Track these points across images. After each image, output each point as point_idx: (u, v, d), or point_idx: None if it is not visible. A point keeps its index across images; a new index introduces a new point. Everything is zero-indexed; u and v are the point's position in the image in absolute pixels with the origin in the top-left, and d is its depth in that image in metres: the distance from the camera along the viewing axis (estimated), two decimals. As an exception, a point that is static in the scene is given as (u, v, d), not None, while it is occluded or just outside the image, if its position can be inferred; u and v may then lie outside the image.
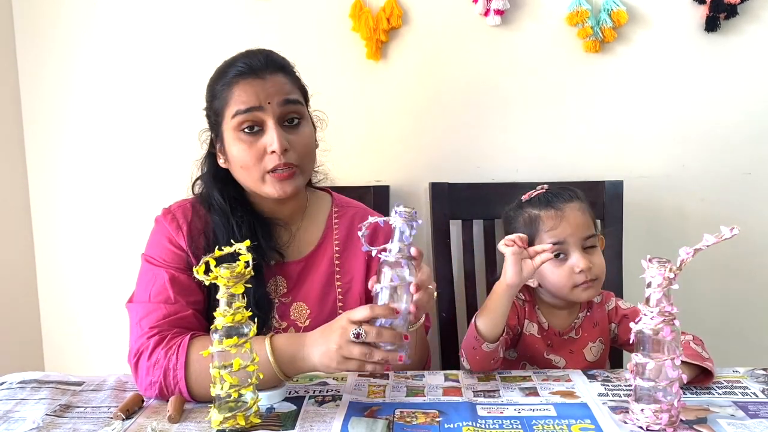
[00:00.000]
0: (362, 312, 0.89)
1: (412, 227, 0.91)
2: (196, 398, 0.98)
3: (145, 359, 1.00)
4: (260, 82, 1.09)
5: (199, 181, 1.20)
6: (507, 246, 1.06)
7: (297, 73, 1.17)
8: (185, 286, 1.08)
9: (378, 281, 0.92)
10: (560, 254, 1.18)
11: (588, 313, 1.25)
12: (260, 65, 1.10)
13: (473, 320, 1.10)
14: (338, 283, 1.19)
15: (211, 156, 1.19)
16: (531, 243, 1.23)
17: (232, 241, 0.91)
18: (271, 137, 1.07)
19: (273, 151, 1.07)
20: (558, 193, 1.25)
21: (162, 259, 1.11)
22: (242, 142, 1.09)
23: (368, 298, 1.00)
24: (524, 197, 1.26)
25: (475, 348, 1.08)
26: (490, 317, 1.07)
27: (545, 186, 1.28)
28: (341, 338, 0.90)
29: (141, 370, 1.00)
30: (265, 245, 1.13)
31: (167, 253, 1.12)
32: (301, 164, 1.11)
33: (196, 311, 1.08)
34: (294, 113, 1.11)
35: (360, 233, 0.94)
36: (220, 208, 1.14)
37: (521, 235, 1.09)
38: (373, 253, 0.94)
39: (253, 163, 1.09)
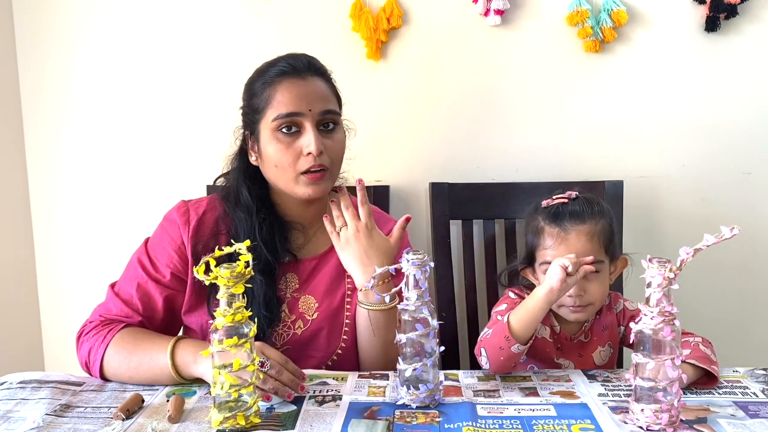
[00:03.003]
0: (275, 354, 0.99)
1: (426, 272, 0.95)
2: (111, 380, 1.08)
3: (83, 336, 1.12)
4: (302, 83, 1.12)
5: (226, 176, 1.23)
6: (556, 261, 1.05)
7: (334, 81, 1.20)
8: (148, 298, 1.15)
9: (402, 331, 0.96)
10: None
11: (597, 317, 1.24)
12: (302, 66, 1.14)
13: (506, 319, 1.06)
14: (348, 279, 1.21)
15: (242, 153, 1.20)
16: (532, 253, 1.22)
17: (232, 241, 0.92)
18: (309, 140, 1.10)
19: (309, 153, 1.10)
20: (574, 211, 1.18)
21: (154, 257, 1.17)
22: (279, 142, 1.12)
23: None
24: (544, 203, 1.23)
25: (502, 348, 1.05)
26: (525, 319, 1.04)
27: (574, 193, 1.22)
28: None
29: (78, 345, 1.12)
30: (280, 247, 1.17)
31: (162, 253, 1.17)
32: (331, 167, 1.14)
33: (147, 323, 1.15)
34: (331, 120, 1.14)
35: (368, 285, 1.01)
36: (246, 205, 1.17)
37: (574, 261, 1.05)
38: (387, 300, 1.00)
39: (288, 164, 1.12)
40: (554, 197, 1.23)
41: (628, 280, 1.52)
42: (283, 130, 1.11)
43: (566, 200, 1.21)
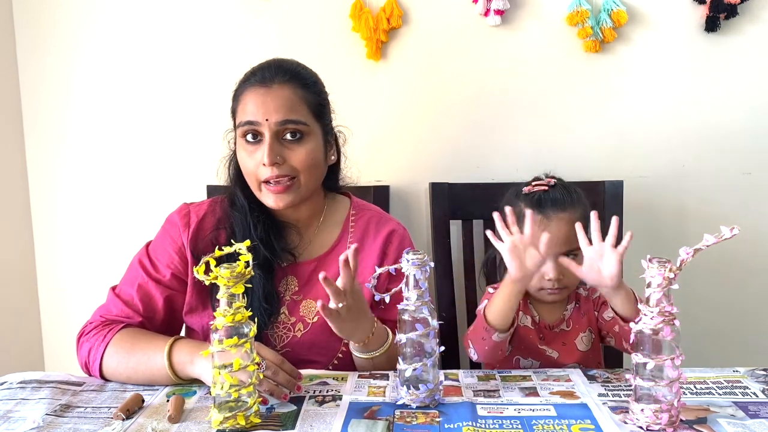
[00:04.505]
0: (270, 355, 0.98)
1: (426, 272, 0.95)
2: (110, 380, 1.08)
3: (83, 336, 1.12)
4: (264, 91, 1.12)
5: (227, 178, 1.24)
6: (499, 243, 1.06)
7: (316, 86, 1.18)
8: (149, 299, 1.16)
9: (402, 331, 0.96)
10: None
11: (577, 305, 1.28)
12: (269, 75, 1.13)
13: (481, 312, 1.09)
14: None
15: (236, 155, 1.21)
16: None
17: (232, 241, 0.92)
18: (264, 150, 1.10)
19: (265, 164, 1.10)
20: (555, 198, 1.23)
21: (155, 258, 1.18)
22: (244, 149, 1.14)
23: (381, 301, 1.03)
24: (526, 189, 1.27)
25: (484, 338, 1.08)
26: (498, 310, 1.07)
27: (553, 181, 1.26)
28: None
29: (78, 346, 1.12)
30: (277, 245, 1.17)
31: (163, 253, 1.18)
32: (298, 176, 1.13)
33: (147, 324, 1.15)
34: (294, 131, 1.12)
35: (369, 285, 1.00)
36: (241, 206, 1.18)
37: (511, 228, 1.06)
38: (387, 299, 0.99)
39: (251, 171, 1.13)
40: (534, 184, 1.27)
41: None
42: (248, 137, 1.13)
43: (546, 187, 1.25)
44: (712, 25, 1.58)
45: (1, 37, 1.63)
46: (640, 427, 0.88)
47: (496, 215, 1.06)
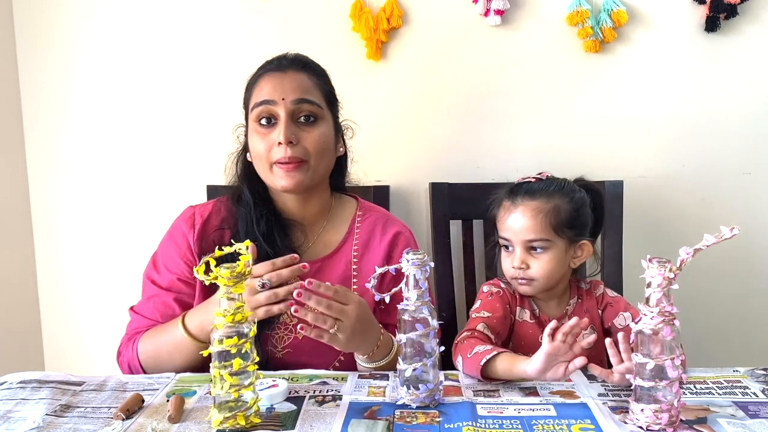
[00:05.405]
0: (263, 267, 1.00)
1: (426, 272, 0.95)
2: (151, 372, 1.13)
3: (119, 358, 1.18)
4: (280, 75, 1.15)
5: (233, 175, 1.25)
6: (548, 338, 0.97)
7: (327, 78, 1.21)
8: (164, 307, 1.18)
9: (402, 331, 0.96)
10: (508, 246, 1.22)
11: (579, 301, 1.27)
12: (286, 62, 1.17)
13: (482, 362, 1.02)
14: (354, 287, 1.20)
15: (245, 150, 1.23)
16: (493, 224, 1.26)
17: (232, 241, 0.92)
18: (279, 129, 1.12)
19: (280, 143, 1.11)
20: (531, 188, 1.23)
21: (162, 268, 1.19)
22: (258, 133, 1.15)
23: (382, 302, 1.02)
24: (518, 179, 1.28)
25: (475, 376, 1.05)
26: (502, 376, 1.02)
27: (546, 175, 1.27)
28: (247, 293, 0.98)
29: (121, 367, 1.18)
30: (280, 242, 1.17)
31: (169, 262, 1.19)
32: (310, 159, 1.14)
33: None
34: (309, 112, 1.14)
35: (369, 285, 0.99)
36: (246, 201, 1.19)
37: (568, 330, 0.98)
38: (387, 299, 0.99)
39: (263, 154, 1.14)
40: (527, 177, 1.27)
41: (628, 280, 1.53)
42: (262, 121, 1.14)
43: (533, 179, 1.25)
44: (712, 25, 1.58)
45: (1, 37, 1.63)
46: (640, 427, 0.88)
47: (548, 331, 0.98)
